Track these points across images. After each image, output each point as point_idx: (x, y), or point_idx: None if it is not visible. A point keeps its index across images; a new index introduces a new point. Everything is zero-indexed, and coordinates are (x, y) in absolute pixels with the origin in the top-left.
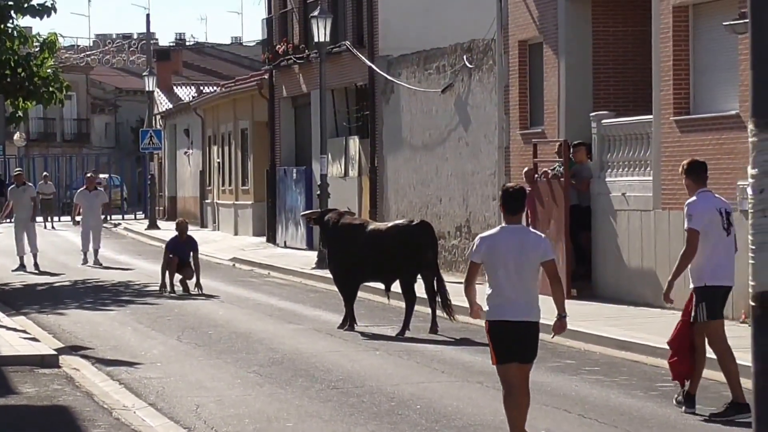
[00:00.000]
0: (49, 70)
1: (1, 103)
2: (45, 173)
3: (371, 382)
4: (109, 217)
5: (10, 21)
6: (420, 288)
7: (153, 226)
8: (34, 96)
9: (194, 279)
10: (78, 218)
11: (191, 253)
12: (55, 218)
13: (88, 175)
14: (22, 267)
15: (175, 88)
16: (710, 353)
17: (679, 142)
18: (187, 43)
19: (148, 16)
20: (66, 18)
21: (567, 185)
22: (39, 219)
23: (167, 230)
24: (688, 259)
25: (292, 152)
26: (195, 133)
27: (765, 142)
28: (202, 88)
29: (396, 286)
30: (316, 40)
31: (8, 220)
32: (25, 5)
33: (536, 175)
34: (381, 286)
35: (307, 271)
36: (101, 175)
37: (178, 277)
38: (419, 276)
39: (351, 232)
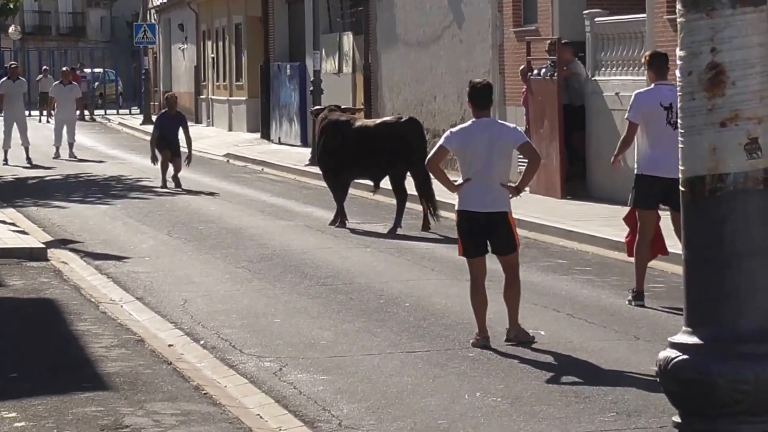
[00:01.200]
0: None
1: None
2: (45, 67)
3: (360, 279)
4: (86, 113)
5: None
6: (411, 185)
7: (148, 121)
8: None
9: (185, 163)
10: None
11: (180, 129)
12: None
13: (64, 69)
14: (5, 161)
15: None
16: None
17: (673, 41)
18: None
19: None
20: None
21: (560, 84)
22: (35, 113)
23: None
24: (623, 146)
25: (285, 48)
26: (189, 28)
27: (692, 22)
28: None
29: (387, 183)
30: None
31: None
32: None
33: (530, 74)
34: (371, 183)
35: (300, 168)
36: (96, 69)
37: (170, 173)
38: (409, 173)
39: (338, 128)
